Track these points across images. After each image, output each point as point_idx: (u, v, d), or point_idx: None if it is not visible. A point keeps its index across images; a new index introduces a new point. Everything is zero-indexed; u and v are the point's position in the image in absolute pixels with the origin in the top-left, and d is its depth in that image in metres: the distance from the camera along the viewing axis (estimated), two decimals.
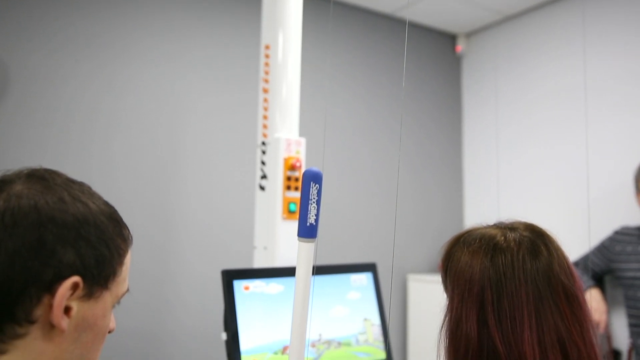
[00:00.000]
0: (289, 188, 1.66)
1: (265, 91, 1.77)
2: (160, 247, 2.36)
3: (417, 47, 3.31)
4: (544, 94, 3.04)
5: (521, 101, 3.15)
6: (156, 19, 2.44)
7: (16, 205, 0.62)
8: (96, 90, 2.27)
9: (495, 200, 3.20)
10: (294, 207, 1.64)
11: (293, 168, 1.67)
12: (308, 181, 0.82)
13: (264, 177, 1.73)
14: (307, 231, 0.83)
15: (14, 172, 0.67)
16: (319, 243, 0.88)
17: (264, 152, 1.74)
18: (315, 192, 0.83)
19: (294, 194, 1.66)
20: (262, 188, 1.73)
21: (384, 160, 3.09)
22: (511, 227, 0.90)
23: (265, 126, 1.75)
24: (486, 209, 3.28)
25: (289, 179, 1.67)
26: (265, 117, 1.75)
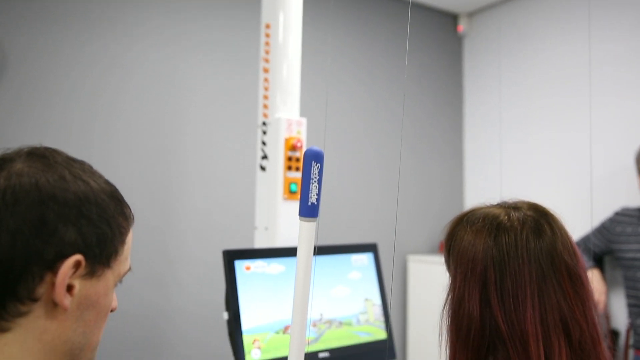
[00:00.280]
0: (289, 168, 1.66)
1: (266, 71, 1.75)
2: (161, 228, 2.36)
3: (418, 26, 3.28)
4: (548, 76, 3.01)
5: (524, 83, 3.13)
6: None
7: (17, 183, 0.62)
8: (98, 72, 2.25)
9: (495, 182, 3.20)
10: (294, 187, 1.64)
11: (294, 148, 1.66)
12: (309, 160, 0.82)
13: (264, 157, 1.72)
14: (309, 210, 0.83)
15: (14, 151, 0.66)
16: (319, 224, 0.88)
17: (264, 133, 1.73)
18: (316, 171, 0.82)
19: (294, 174, 1.66)
20: (263, 168, 1.73)
21: (384, 141, 3.08)
22: (515, 206, 0.89)
23: (265, 106, 1.73)
24: (487, 190, 3.27)
25: (289, 159, 1.66)
26: (266, 97, 1.74)
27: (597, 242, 2.47)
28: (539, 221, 0.86)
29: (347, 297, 1.56)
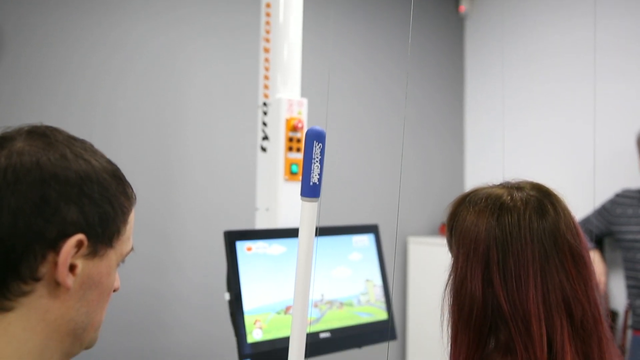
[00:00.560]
0: (290, 149, 1.65)
1: (266, 51, 1.74)
2: (162, 209, 2.36)
3: (418, 6, 3.24)
4: (551, 58, 2.99)
5: (527, 65, 3.10)
6: None
7: (18, 162, 0.61)
8: (101, 51, 2.23)
9: (496, 164, 3.19)
10: (295, 168, 1.64)
11: (295, 129, 1.65)
12: (311, 140, 0.81)
13: (265, 138, 1.72)
14: (310, 190, 0.82)
15: (14, 129, 0.66)
16: (320, 205, 0.88)
17: (265, 113, 1.72)
18: (318, 151, 0.82)
19: (295, 155, 1.65)
20: (264, 149, 1.72)
21: (384, 123, 3.07)
22: (518, 186, 0.89)
23: (266, 87, 1.72)
24: (487, 172, 3.27)
25: (290, 140, 1.65)
26: (266, 77, 1.73)
27: (597, 223, 2.47)
28: (542, 201, 0.85)
29: (348, 278, 1.57)
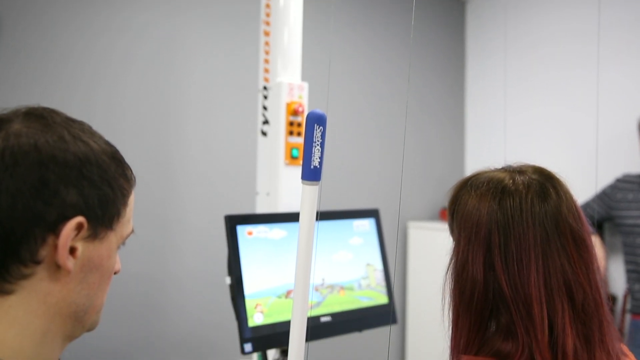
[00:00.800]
0: (291, 133, 1.64)
1: (267, 34, 1.72)
2: (162, 193, 2.36)
3: None
4: (553, 42, 2.96)
5: (528, 48, 3.08)
6: None
7: (15, 144, 0.60)
8: (104, 39, 2.21)
9: (496, 148, 3.19)
10: (296, 152, 1.63)
11: (295, 113, 1.64)
12: (312, 123, 0.80)
13: (265, 122, 1.71)
14: (311, 174, 0.82)
15: (11, 111, 0.65)
16: (321, 189, 0.87)
17: (265, 97, 1.71)
18: (319, 134, 0.81)
19: (296, 139, 1.64)
20: (264, 133, 1.71)
21: (384, 108, 3.05)
22: (519, 170, 0.88)
23: (266, 70, 1.71)
24: (488, 157, 3.26)
25: (291, 124, 1.64)
26: (267, 61, 1.71)
27: (597, 208, 2.47)
28: (544, 185, 0.85)
29: (349, 262, 1.57)
